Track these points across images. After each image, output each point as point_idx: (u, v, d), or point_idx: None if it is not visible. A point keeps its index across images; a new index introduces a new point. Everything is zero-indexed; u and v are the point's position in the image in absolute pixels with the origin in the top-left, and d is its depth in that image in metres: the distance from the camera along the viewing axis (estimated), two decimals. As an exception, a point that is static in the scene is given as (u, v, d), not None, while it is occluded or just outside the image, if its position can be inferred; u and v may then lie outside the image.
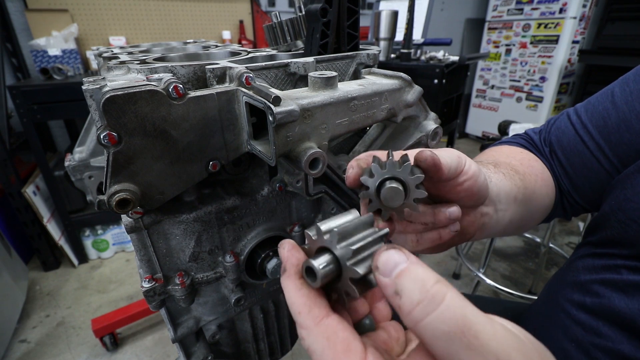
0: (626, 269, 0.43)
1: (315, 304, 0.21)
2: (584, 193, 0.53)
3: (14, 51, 1.99)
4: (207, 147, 0.36)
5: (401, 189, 0.28)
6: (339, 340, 0.20)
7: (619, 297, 0.42)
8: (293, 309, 0.22)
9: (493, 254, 2.04)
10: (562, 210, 0.57)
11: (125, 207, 0.32)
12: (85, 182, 0.78)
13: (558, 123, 0.56)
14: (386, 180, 0.29)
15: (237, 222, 0.48)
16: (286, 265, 0.23)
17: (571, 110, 0.56)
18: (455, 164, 0.32)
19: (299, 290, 0.22)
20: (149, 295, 0.43)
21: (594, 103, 0.52)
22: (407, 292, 0.18)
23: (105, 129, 0.30)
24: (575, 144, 0.52)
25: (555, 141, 0.55)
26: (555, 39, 3.20)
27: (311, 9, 0.47)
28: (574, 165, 0.52)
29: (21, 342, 1.52)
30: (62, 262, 2.00)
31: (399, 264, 0.19)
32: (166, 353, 1.48)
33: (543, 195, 0.51)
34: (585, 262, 0.50)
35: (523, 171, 0.49)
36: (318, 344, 0.20)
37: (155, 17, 2.33)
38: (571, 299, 0.49)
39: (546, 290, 0.59)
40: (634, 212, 0.42)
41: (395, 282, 0.19)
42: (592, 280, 0.47)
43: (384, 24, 1.92)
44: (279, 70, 0.43)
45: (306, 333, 0.21)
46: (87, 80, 0.43)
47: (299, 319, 0.21)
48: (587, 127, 0.51)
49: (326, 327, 0.20)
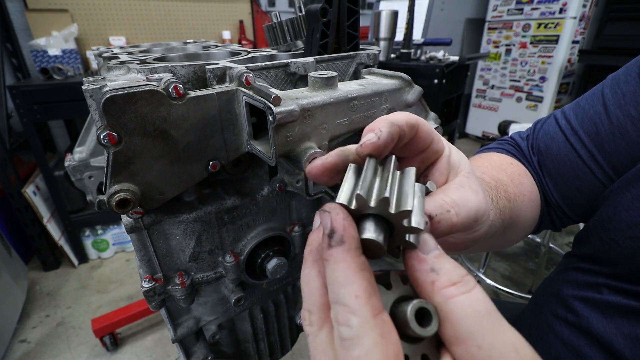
0: (607, 288, 0.42)
1: (375, 293, 0.19)
2: (575, 205, 0.49)
3: (14, 51, 1.99)
4: (207, 147, 0.36)
5: (381, 241, 0.21)
6: (392, 341, 0.18)
7: (597, 318, 0.41)
8: (348, 290, 0.19)
9: (493, 254, 2.04)
10: (550, 224, 0.54)
11: (125, 207, 0.32)
12: (85, 182, 0.78)
13: (546, 127, 0.52)
14: (364, 219, 0.21)
15: (237, 222, 0.48)
16: (344, 237, 0.20)
17: (559, 113, 0.52)
18: (482, 210, 0.29)
19: (361, 270, 0.19)
20: (149, 295, 0.43)
21: (584, 107, 0.48)
22: (446, 272, 0.20)
23: (105, 129, 0.30)
24: (567, 153, 0.48)
25: (544, 148, 0.51)
26: (555, 39, 3.20)
27: (311, 9, 0.47)
28: (564, 175, 0.48)
29: (21, 342, 1.52)
30: (62, 262, 2.00)
31: (435, 248, 0.21)
32: (166, 353, 1.48)
33: (526, 219, 0.48)
34: (570, 276, 0.48)
35: (513, 194, 0.45)
36: (370, 338, 0.18)
37: (155, 17, 2.32)
38: (555, 313, 0.48)
39: (537, 296, 0.57)
40: (615, 231, 0.40)
41: (433, 261, 0.20)
42: (574, 296, 0.46)
43: (384, 24, 1.92)
44: (279, 70, 0.43)
45: (358, 322, 0.18)
46: (87, 80, 0.43)
47: (354, 303, 0.18)
48: (578, 134, 0.47)
49: (383, 322, 0.18)
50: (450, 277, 0.20)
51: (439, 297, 0.19)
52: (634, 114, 0.41)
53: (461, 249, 0.34)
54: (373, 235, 0.20)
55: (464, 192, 0.28)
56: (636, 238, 0.38)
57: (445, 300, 0.19)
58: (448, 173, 0.30)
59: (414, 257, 0.21)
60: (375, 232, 0.21)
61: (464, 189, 0.28)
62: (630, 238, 0.38)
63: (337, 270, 0.19)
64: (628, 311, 0.39)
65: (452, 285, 0.19)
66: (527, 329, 0.53)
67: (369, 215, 0.21)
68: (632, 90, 0.42)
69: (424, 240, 0.21)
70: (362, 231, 0.21)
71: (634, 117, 0.41)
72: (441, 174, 0.30)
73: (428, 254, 0.21)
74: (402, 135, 0.26)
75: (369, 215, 0.21)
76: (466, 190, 0.28)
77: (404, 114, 0.27)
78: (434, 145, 0.30)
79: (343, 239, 0.20)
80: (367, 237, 0.20)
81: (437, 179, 0.30)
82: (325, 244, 0.20)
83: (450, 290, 0.19)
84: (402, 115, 0.27)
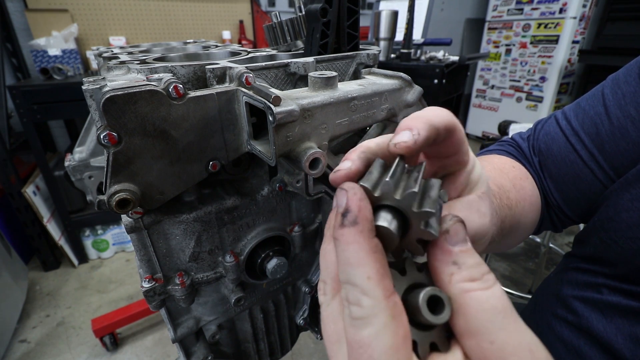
0: (607, 288, 0.42)
1: (387, 275, 0.19)
2: (576, 206, 0.49)
3: (14, 51, 1.99)
4: (207, 147, 0.36)
5: (395, 232, 0.20)
6: (402, 324, 0.18)
7: (597, 319, 0.41)
8: (360, 271, 0.18)
9: (493, 253, 2.04)
10: (550, 225, 0.54)
11: (125, 207, 0.32)
12: (85, 182, 0.78)
13: (547, 128, 0.52)
14: (381, 209, 0.21)
15: (237, 222, 0.48)
16: (358, 217, 0.19)
17: (559, 114, 0.52)
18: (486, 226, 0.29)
19: (373, 252, 0.19)
20: (149, 295, 0.43)
21: (585, 107, 0.48)
22: (468, 267, 0.19)
23: (105, 129, 0.30)
24: (567, 153, 0.48)
25: (545, 149, 0.51)
26: (555, 39, 3.20)
27: (311, 9, 0.47)
28: (565, 176, 0.48)
29: (21, 342, 1.52)
30: (62, 262, 2.00)
31: (463, 241, 0.20)
32: (166, 353, 1.48)
33: (526, 224, 0.48)
34: (571, 276, 0.49)
35: (515, 200, 0.45)
36: (380, 319, 0.17)
37: (155, 17, 2.33)
38: (555, 313, 0.48)
39: (536, 296, 0.57)
40: (615, 232, 0.40)
41: (457, 254, 0.20)
42: (574, 296, 0.46)
43: (384, 24, 1.92)
44: (279, 70, 0.43)
45: (370, 302, 0.18)
46: (87, 80, 0.43)
47: (366, 284, 0.18)
48: (578, 135, 0.47)
49: (395, 304, 0.18)
50: (471, 273, 0.19)
51: (455, 289, 0.19)
52: (634, 114, 0.41)
53: None
54: (388, 224, 0.20)
55: (470, 214, 0.28)
56: (636, 238, 0.38)
57: (461, 293, 0.19)
58: (464, 188, 0.30)
59: (440, 246, 0.20)
60: (391, 222, 0.20)
61: (470, 210, 0.28)
62: (630, 239, 0.38)
63: (348, 251, 0.19)
64: (628, 311, 0.39)
65: (472, 281, 0.19)
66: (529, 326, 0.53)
67: (386, 206, 0.21)
68: (633, 91, 0.42)
69: (454, 230, 0.20)
70: (378, 218, 0.20)
71: (634, 118, 0.41)
72: (456, 188, 0.29)
73: (455, 245, 0.20)
74: (436, 138, 0.25)
75: (387, 206, 0.21)
76: (472, 212, 0.28)
77: (444, 113, 0.26)
78: (461, 156, 0.28)
79: (357, 220, 0.19)
80: (382, 225, 0.20)
81: (450, 190, 0.29)
82: (337, 222, 0.20)
83: (471, 285, 0.19)
84: (442, 115, 0.25)
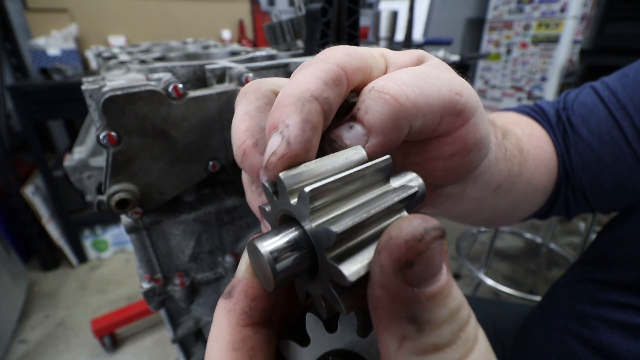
0: (632, 309, 0.37)
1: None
2: (602, 192, 0.41)
3: (13, 51, 1.99)
4: (206, 147, 0.36)
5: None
6: None
7: (621, 337, 0.37)
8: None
9: (494, 254, 2.04)
10: (564, 209, 0.46)
11: (124, 207, 0.32)
12: (85, 182, 0.77)
13: (582, 98, 0.43)
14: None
15: (237, 222, 0.48)
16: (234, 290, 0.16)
17: (598, 84, 0.43)
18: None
19: (233, 350, 0.15)
20: (149, 295, 0.43)
21: (635, 77, 0.39)
22: (434, 326, 0.11)
23: (104, 129, 0.30)
24: (609, 129, 0.39)
25: (579, 122, 0.42)
26: (556, 39, 3.20)
27: (311, 9, 0.47)
28: (600, 156, 0.40)
29: (20, 342, 1.51)
30: (61, 263, 2.00)
31: (435, 275, 0.11)
32: (166, 353, 1.48)
33: (538, 188, 0.41)
34: (586, 288, 0.45)
35: (527, 151, 0.37)
36: None
37: (155, 17, 2.32)
38: (568, 328, 0.44)
39: (545, 305, 0.53)
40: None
41: (419, 299, 0.11)
42: (592, 315, 0.42)
43: (384, 23, 1.92)
44: (279, 70, 0.43)
45: None
46: (87, 80, 0.43)
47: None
48: (626, 109, 0.38)
49: None
50: (441, 337, 0.11)
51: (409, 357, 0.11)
52: None
53: (461, 176, 0.24)
54: (264, 247, 0.13)
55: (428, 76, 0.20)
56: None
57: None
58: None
59: (384, 286, 0.11)
60: (276, 245, 0.13)
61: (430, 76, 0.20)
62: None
63: (214, 327, 0.16)
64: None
65: (441, 349, 0.11)
66: (535, 339, 0.51)
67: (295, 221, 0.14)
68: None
69: (426, 258, 0.11)
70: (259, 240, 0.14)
71: None
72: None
73: (419, 284, 0.11)
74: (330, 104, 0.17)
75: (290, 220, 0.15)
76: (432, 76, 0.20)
77: (328, 56, 0.18)
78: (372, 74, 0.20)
79: (231, 293, 0.16)
80: (254, 244, 0.14)
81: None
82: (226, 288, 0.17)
83: (440, 355, 0.11)
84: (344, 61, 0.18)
